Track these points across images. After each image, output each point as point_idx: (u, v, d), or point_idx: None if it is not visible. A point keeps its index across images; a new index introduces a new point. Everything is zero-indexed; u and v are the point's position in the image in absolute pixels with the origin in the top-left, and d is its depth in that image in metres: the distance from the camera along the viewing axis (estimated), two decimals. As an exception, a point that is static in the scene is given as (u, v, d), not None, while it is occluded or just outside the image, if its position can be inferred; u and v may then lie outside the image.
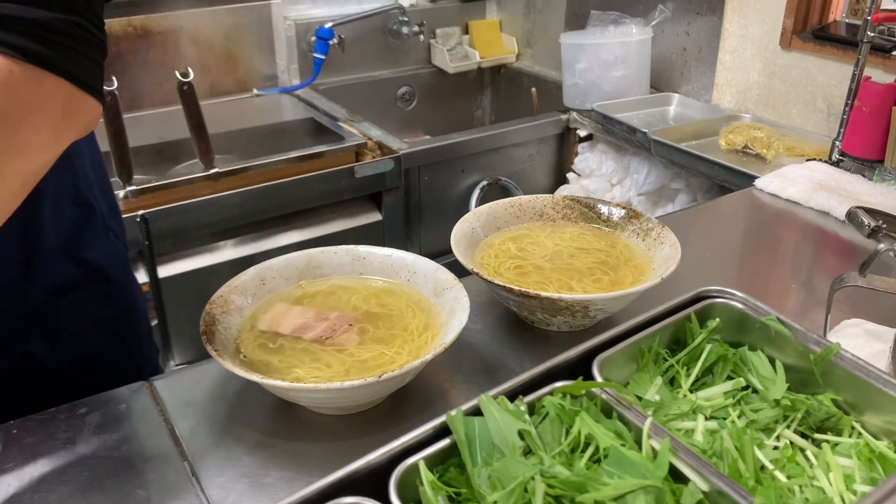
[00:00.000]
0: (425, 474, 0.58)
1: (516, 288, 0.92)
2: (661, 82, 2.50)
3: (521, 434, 0.62)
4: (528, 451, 0.62)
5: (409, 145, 2.16)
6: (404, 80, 2.90)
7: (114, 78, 1.68)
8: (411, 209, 2.25)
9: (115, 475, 0.77)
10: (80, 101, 0.69)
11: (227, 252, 1.96)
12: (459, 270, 0.96)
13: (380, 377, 0.75)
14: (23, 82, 0.64)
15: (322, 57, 2.59)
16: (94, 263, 0.97)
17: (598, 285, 1.00)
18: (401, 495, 0.57)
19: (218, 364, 0.80)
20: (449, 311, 0.90)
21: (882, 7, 1.59)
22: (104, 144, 1.27)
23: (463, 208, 2.32)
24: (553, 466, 0.56)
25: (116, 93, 1.67)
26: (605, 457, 0.60)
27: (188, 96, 1.81)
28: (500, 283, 0.93)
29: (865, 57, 1.62)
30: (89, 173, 0.96)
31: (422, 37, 2.83)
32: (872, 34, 1.59)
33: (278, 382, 0.77)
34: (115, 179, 1.74)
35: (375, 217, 2.17)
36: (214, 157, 1.88)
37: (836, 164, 1.66)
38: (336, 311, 0.94)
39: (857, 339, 0.98)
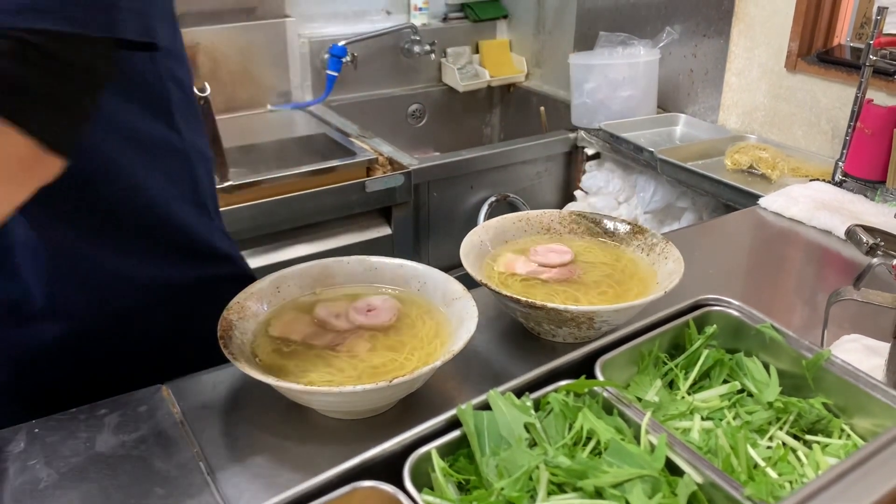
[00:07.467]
0: (437, 462, 0.61)
1: (523, 298, 0.93)
2: (668, 103, 2.53)
3: (526, 427, 0.64)
4: (533, 444, 0.65)
5: (419, 161, 2.19)
6: (415, 97, 2.93)
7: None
8: (420, 224, 2.27)
9: (133, 474, 0.79)
10: (43, 159, 0.66)
11: (239, 264, 1.98)
12: (467, 284, 0.98)
13: (391, 382, 0.77)
14: None
15: (335, 74, 2.62)
16: (221, 250, 1.02)
17: (604, 298, 1.02)
18: (413, 482, 0.60)
19: (232, 369, 0.82)
20: (458, 320, 0.91)
21: (885, 32, 1.62)
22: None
23: (471, 224, 2.34)
24: (556, 457, 0.59)
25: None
26: (606, 450, 0.62)
27: (204, 111, 1.83)
28: (508, 294, 0.94)
29: (868, 80, 1.65)
30: (204, 178, 0.99)
31: (433, 56, 2.87)
32: (875, 58, 1.62)
33: (292, 385, 0.79)
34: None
35: (385, 231, 2.19)
36: (229, 171, 1.91)
37: (839, 184, 1.69)
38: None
39: (856, 354, 0.99)
